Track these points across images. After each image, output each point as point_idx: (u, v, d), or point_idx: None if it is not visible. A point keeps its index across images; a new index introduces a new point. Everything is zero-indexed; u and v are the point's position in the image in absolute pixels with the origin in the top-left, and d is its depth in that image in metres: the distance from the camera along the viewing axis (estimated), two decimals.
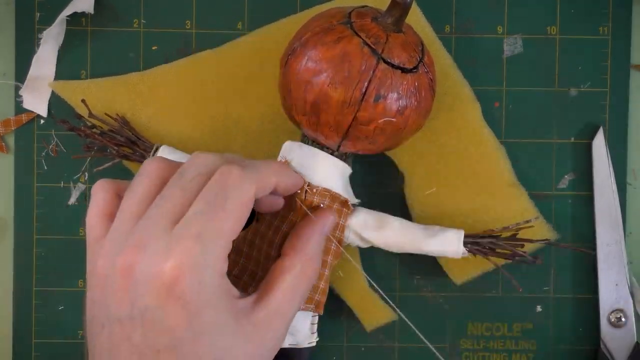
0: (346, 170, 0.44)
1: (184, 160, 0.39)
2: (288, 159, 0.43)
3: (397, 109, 0.40)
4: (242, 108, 0.48)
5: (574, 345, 0.49)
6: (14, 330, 0.48)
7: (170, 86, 0.47)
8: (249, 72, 0.47)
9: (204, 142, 0.47)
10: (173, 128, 0.48)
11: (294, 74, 0.40)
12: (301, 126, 0.42)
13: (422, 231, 0.44)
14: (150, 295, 0.34)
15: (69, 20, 0.47)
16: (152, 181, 0.37)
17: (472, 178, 0.47)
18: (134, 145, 0.46)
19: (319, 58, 0.39)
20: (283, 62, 0.42)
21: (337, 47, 0.39)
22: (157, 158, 0.39)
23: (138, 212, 0.36)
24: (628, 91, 0.48)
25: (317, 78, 0.39)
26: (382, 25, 0.40)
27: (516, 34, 0.48)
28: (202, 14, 0.48)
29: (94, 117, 0.46)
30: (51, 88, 0.48)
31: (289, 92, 0.41)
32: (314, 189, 0.42)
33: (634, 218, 0.49)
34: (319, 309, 0.43)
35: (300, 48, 0.40)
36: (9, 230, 0.49)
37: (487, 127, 0.47)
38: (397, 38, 0.40)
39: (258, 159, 0.47)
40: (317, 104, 0.40)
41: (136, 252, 0.34)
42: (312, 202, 0.42)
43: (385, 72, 0.39)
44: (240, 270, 0.44)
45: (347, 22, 0.40)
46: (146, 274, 0.34)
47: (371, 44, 0.39)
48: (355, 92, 0.39)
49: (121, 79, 0.48)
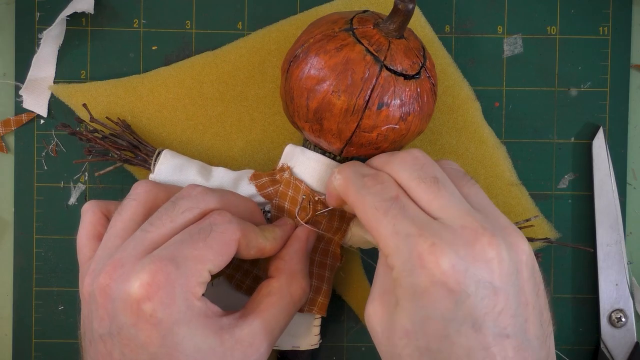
0: None
1: (187, 164, 0.40)
2: (290, 165, 0.43)
3: (400, 116, 0.40)
4: (242, 110, 0.48)
5: (574, 345, 0.49)
6: (14, 330, 0.48)
7: (170, 88, 0.47)
8: (249, 74, 0.47)
9: (204, 145, 0.47)
10: (173, 130, 0.47)
11: (296, 81, 0.40)
12: (304, 132, 0.42)
13: None
14: (124, 313, 0.34)
15: (69, 20, 0.47)
16: (140, 204, 0.38)
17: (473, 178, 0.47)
18: (135, 149, 0.45)
19: (322, 66, 0.39)
20: (285, 68, 0.42)
21: (340, 55, 0.39)
22: (148, 182, 0.40)
23: (124, 234, 0.37)
24: (628, 91, 0.48)
25: (320, 86, 0.39)
26: (384, 32, 0.40)
27: (516, 34, 0.48)
28: (202, 14, 0.48)
29: (96, 122, 0.46)
30: (51, 91, 0.48)
31: (291, 99, 0.41)
32: (316, 197, 0.42)
33: (634, 218, 0.49)
34: (322, 311, 0.43)
35: (302, 55, 0.40)
36: (9, 230, 0.49)
37: (487, 127, 0.47)
38: (399, 44, 0.40)
39: (259, 161, 0.47)
40: (320, 112, 0.40)
41: (113, 271, 0.35)
42: (316, 211, 0.42)
43: (388, 80, 0.39)
44: (243, 274, 0.44)
45: (349, 29, 0.40)
46: (120, 292, 0.35)
47: (374, 51, 0.39)
48: (359, 100, 0.39)
49: (121, 81, 0.47)
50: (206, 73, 0.47)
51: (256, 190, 0.43)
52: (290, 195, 0.43)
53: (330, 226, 0.43)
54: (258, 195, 0.43)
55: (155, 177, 0.44)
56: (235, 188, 0.43)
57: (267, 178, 0.43)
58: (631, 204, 0.49)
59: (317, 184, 0.43)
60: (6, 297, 0.49)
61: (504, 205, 0.47)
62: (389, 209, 0.35)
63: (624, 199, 0.48)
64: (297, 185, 0.42)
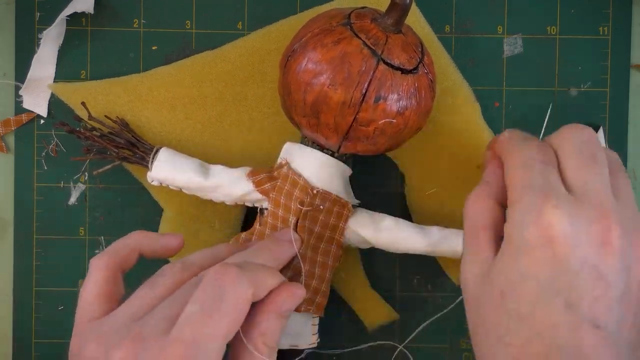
0: (346, 172, 0.44)
1: (185, 161, 0.39)
2: (288, 161, 0.43)
3: (397, 110, 0.40)
4: (242, 109, 0.48)
5: None
6: (14, 330, 0.48)
7: (170, 87, 0.47)
8: (249, 73, 0.47)
9: (203, 144, 0.47)
10: (172, 129, 0.47)
11: (293, 75, 0.40)
12: (301, 127, 0.42)
13: (422, 232, 0.44)
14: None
15: (69, 20, 0.47)
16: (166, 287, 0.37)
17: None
18: (133, 147, 0.45)
19: (319, 59, 0.39)
20: (283, 63, 0.42)
21: (337, 49, 0.39)
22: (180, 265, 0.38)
23: (147, 308, 0.36)
24: (628, 91, 0.48)
25: (317, 79, 0.39)
26: (381, 26, 0.40)
27: (516, 34, 0.48)
28: (202, 14, 0.48)
29: (94, 120, 0.46)
30: (50, 90, 0.48)
31: (288, 94, 0.41)
32: (314, 191, 0.42)
33: None
34: (320, 311, 0.43)
35: (300, 49, 0.40)
36: (9, 230, 0.49)
37: (486, 128, 0.47)
38: (397, 39, 0.40)
39: (258, 160, 0.47)
40: (317, 105, 0.40)
41: (133, 347, 0.34)
42: (313, 205, 0.42)
43: (385, 73, 0.39)
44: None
45: (347, 23, 0.40)
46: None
47: (371, 45, 0.39)
48: (355, 93, 0.39)
49: (120, 80, 0.47)
50: (206, 72, 0.47)
51: (253, 186, 0.43)
52: (287, 190, 0.43)
53: (327, 222, 0.43)
54: (255, 191, 0.43)
55: (153, 174, 0.44)
56: (234, 185, 0.43)
57: (265, 175, 0.43)
58: None
59: (315, 178, 0.43)
60: (6, 297, 0.49)
61: None
62: (536, 166, 0.35)
63: None
64: (295, 179, 0.42)
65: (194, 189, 0.44)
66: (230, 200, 0.44)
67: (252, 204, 0.45)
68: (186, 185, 0.44)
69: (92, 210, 0.48)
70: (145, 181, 0.47)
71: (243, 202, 0.45)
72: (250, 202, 0.44)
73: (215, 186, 0.44)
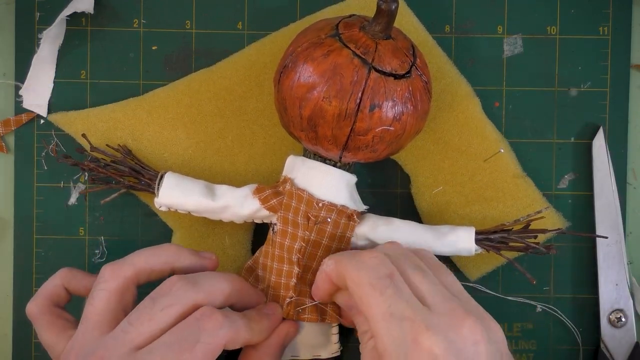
0: (351, 180, 0.44)
1: (190, 185, 0.40)
2: (291, 177, 0.43)
3: (394, 116, 0.40)
4: (242, 124, 0.47)
5: (574, 345, 0.49)
6: (14, 330, 0.48)
7: (169, 108, 0.47)
8: (246, 88, 0.47)
9: (207, 162, 0.47)
10: (175, 150, 0.47)
11: (287, 91, 0.40)
12: (301, 141, 0.42)
13: (433, 232, 0.44)
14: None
15: (69, 20, 0.47)
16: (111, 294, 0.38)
17: (478, 173, 0.47)
18: (138, 174, 0.45)
19: (311, 73, 0.39)
20: (276, 80, 0.42)
21: (328, 61, 0.39)
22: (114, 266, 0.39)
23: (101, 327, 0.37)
24: (628, 91, 0.48)
25: (310, 93, 0.39)
26: (370, 34, 0.40)
27: (516, 34, 0.48)
28: (202, 14, 0.48)
29: (97, 150, 0.46)
30: (51, 120, 0.47)
31: (284, 110, 0.41)
32: (319, 204, 0.42)
33: (634, 218, 0.49)
34: (335, 319, 0.43)
35: (291, 65, 0.40)
36: (9, 230, 0.49)
37: (488, 121, 0.47)
38: (387, 45, 0.40)
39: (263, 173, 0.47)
40: (314, 119, 0.40)
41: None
42: (319, 217, 0.42)
43: (377, 81, 0.39)
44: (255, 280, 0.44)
45: (335, 34, 0.40)
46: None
47: (361, 54, 0.39)
48: (350, 103, 0.39)
49: (119, 105, 0.47)
50: (203, 90, 0.47)
51: (260, 203, 0.43)
52: (294, 206, 0.43)
53: (334, 234, 0.43)
54: (262, 209, 0.43)
55: (160, 200, 0.44)
56: (241, 205, 0.43)
57: (270, 191, 0.43)
58: (631, 204, 0.49)
59: (319, 191, 0.43)
60: (6, 297, 0.49)
61: (511, 197, 0.47)
62: (385, 287, 0.36)
63: (624, 198, 0.48)
64: (300, 194, 0.42)
65: (202, 211, 0.44)
66: (239, 220, 0.44)
67: (262, 220, 0.45)
68: (194, 209, 0.44)
69: (92, 210, 0.48)
70: (153, 205, 0.46)
71: (252, 219, 0.44)
72: (259, 219, 0.44)
73: (223, 207, 0.43)
